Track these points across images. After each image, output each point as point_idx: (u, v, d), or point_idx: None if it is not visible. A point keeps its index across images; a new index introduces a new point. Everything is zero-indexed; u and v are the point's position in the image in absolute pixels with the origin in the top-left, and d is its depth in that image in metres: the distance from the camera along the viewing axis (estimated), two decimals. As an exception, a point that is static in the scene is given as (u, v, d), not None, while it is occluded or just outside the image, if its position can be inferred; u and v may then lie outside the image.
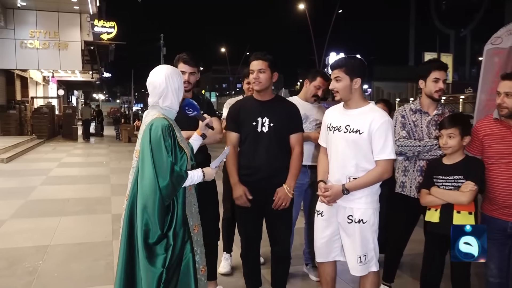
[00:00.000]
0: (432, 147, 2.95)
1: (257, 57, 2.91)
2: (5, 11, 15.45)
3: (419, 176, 3.00)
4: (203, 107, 2.99)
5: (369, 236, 2.58)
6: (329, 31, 26.83)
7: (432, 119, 3.04)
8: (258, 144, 2.89)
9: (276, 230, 2.97)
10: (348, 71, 2.54)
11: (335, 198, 2.58)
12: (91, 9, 16.22)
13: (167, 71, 2.25)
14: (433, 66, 3.02)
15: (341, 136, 2.59)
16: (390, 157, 2.52)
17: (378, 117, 2.51)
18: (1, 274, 3.67)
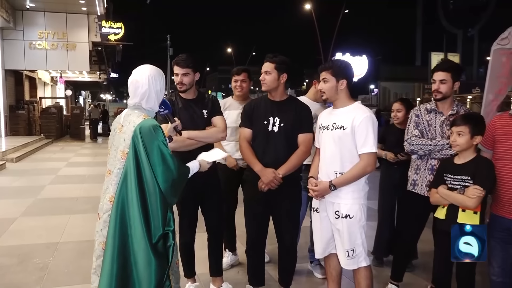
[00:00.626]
0: (443, 146, 2.97)
1: (266, 59, 3.02)
2: (14, 12, 15.64)
3: (430, 175, 3.04)
4: (207, 106, 3.08)
5: (356, 231, 2.68)
6: (335, 31, 26.81)
7: (446, 119, 3.05)
8: (268, 143, 2.97)
9: (283, 226, 3.03)
10: (334, 73, 2.71)
11: (323, 193, 2.71)
12: (99, 10, 16.37)
13: (150, 73, 2.26)
14: (434, 68, 3.09)
15: (329, 134, 2.74)
16: (371, 150, 2.64)
17: (360, 113, 2.65)
18: (13, 270, 3.75)
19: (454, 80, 3.01)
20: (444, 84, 3.00)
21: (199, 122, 3.04)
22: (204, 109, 3.09)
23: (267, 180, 2.87)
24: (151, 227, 2.09)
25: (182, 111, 3.03)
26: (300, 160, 2.97)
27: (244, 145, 3.04)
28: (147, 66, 2.32)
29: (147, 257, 2.06)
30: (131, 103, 2.29)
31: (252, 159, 2.97)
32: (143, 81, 2.24)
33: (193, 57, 3.04)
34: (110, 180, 2.22)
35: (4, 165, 9.62)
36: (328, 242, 2.85)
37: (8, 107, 16.04)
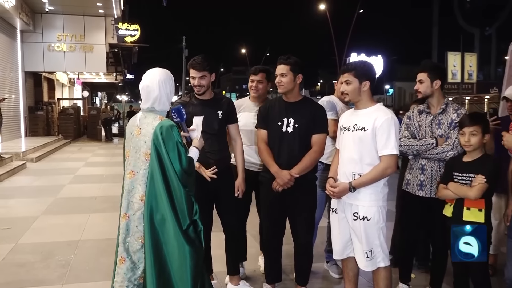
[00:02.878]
0: (429, 146, 3.02)
1: (280, 62, 3.06)
2: (34, 15, 15.98)
3: (421, 174, 3.09)
4: (223, 107, 3.14)
5: (374, 233, 2.69)
6: (350, 31, 26.68)
7: (435, 118, 3.09)
8: (282, 144, 3.01)
9: (299, 226, 3.07)
10: (357, 75, 2.72)
11: (341, 195, 2.74)
12: (116, 13, 16.62)
13: (160, 77, 2.41)
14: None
15: (350, 135, 2.75)
16: (392, 153, 2.64)
17: (381, 114, 2.66)
18: (37, 266, 3.87)
19: (432, 79, 3.04)
20: (422, 83, 3.06)
21: (213, 123, 3.09)
22: (219, 110, 3.13)
23: (282, 182, 2.92)
24: (179, 217, 2.29)
25: (197, 112, 3.05)
26: (312, 160, 3.00)
27: (262, 147, 3.09)
28: (156, 70, 2.45)
29: (180, 244, 2.27)
30: (145, 107, 2.43)
31: (269, 160, 3.02)
32: (154, 86, 2.38)
33: (208, 59, 3.07)
34: (137, 180, 2.39)
35: (24, 165, 9.84)
36: (347, 244, 2.86)
37: (27, 108, 16.40)
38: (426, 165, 3.08)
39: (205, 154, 3.02)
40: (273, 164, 2.99)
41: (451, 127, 3.01)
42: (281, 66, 3.03)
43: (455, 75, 26.88)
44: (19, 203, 6.37)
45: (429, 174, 3.07)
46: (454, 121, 3.00)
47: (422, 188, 3.08)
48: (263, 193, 3.17)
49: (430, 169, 3.07)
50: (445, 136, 3.03)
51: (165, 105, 2.44)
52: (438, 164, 3.05)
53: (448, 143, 2.99)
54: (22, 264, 3.92)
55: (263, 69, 3.57)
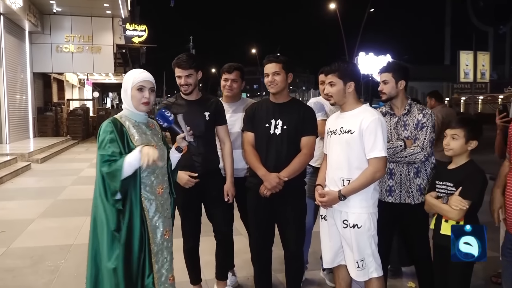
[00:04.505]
0: (397, 149, 2.87)
1: (271, 60, 2.89)
2: (42, 16, 16.07)
3: (389, 179, 2.95)
4: (210, 108, 3.00)
5: (365, 241, 2.56)
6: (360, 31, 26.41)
7: (400, 119, 2.96)
8: (270, 146, 2.87)
9: (288, 233, 2.93)
10: (341, 76, 2.61)
11: (331, 204, 2.61)
12: (123, 13, 16.65)
13: (125, 76, 2.40)
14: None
15: (336, 138, 2.64)
16: (380, 155, 2.52)
17: (368, 116, 2.55)
18: (24, 272, 3.79)
19: (397, 79, 2.92)
20: (386, 84, 2.94)
21: (200, 124, 2.94)
22: (206, 111, 3.00)
23: (270, 186, 2.77)
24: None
25: (182, 112, 2.87)
26: (302, 163, 2.85)
27: (248, 149, 2.95)
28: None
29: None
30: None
31: (256, 163, 2.87)
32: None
33: (194, 56, 2.95)
34: None
35: (29, 166, 9.85)
36: (337, 252, 2.74)
37: (36, 109, 16.50)
38: (395, 169, 2.93)
39: (190, 156, 2.92)
40: (260, 167, 2.84)
41: (418, 128, 2.87)
42: (272, 64, 2.86)
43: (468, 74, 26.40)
44: (18, 205, 6.33)
45: (398, 179, 2.92)
46: (421, 122, 2.87)
47: (391, 194, 2.93)
48: (250, 200, 3.02)
49: (399, 173, 2.92)
50: (412, 137, 2.89)
51: (127, 103, 2.35)
52: (407, 168, 2.91)
53: (417, 144, 2.85)
54: (11, 269, 3.84)
55: (237, 67, 3.38)
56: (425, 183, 2.87)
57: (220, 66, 3.59)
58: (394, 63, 3.09)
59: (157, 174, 2.35)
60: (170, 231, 2.43)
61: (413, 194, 2.88)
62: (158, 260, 2.33)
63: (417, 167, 2.89)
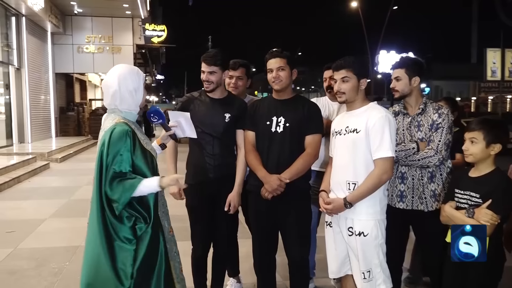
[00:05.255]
0: (409, 151, 2.66)
1: (274, 55, 2.73)
2: (64, 18, 16.32)
3: (400, 184, 2.74)
4: (233, 110, 2.83)
5: (371, 251, 2.39)
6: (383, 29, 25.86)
7: (413, 119, 2.74)
8: (271, 145, 2.70)
9: (291, 240, 2.76)
10: (356, 71, 2.45)
11: (337, 212, 2.44)
12: (142, 14, 16.75)
13: (121, 71, 2.15)
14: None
15: (342, 139, 2.49)
16: (387, 155, 2.35)
17: (374, 113, 2.39)
18: (28, 274, 3.74)
19: (411, 76, 2.72)
20: (399, 81, 2.74)
21: (218, 125, 2.79)
22: (228, 113, 2.81)
23: (271, 188, 2.60)
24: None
25: (202, 110, 2.81)
26: (306, 164, 2.67)
27: (248, 149, 2.79)
28: (119, 65, 2.23)
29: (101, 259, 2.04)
30: (106, 105, 2.20)
31: (256, 164, 2.71)
32: (111, 81, 2.14)
33: (222, 54, 2.78)
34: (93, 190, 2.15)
35: (48, 165, 9.96)
36: (344, 261, 2.57)
37: (58, 108, 16.78)
38: (407, 173, 2.73)
39: (203, 157, 2.80)
40: (260, 168, 2.68)
41: (433, 129, 2.66)
42: (276, 59, 2.70)
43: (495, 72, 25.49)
44: (31, 204, 6.35)
45: (410, 183, 2.71)
46: (436, 122, 2.65)
47: (402, 199, 2.73)
48: (252, 203, 2.86)
49: (411, 177, 2.72)
50: (426, 139, 2.67)
51: (129, 105, 2.16)
52: (420, 172, 2.70)
53: (431, 147, 2.63)
54: (15, 271, 3.80)
55: (243, 63, 3.23)
56: (440, 189, 2.66)
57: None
58: (408, 58, 2.88)
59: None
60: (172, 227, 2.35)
61: (426, 200, 2.67)
62: (172, 256, 2.26)
63: (431, 171, 2.69)
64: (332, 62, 2.58)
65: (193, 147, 2.86)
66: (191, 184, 2.80)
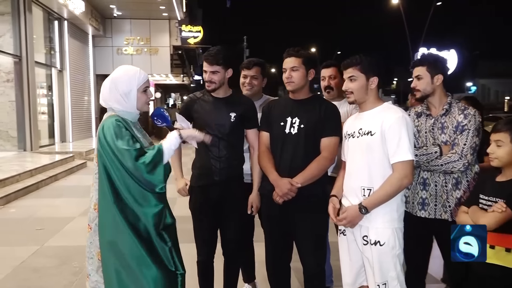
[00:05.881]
0: (431, 155, 2.45)
1: (290, 54, 2.60)
2: (104, 21, 16.85)
3: (422, 191, 2.54)
4: (238, 109, 2.74)
5: (388, 262, 2.21)
6: (426, 25, 24.93)
7: (436, 121, 2.53)
8: (284, 147, 2.58)
9: (305, 248, 2.62)
10: (364, 69, 2.29)
11: (354, 221, 2.26)
12: (179, 15, 17.01)
13: (115, 75, 2.16)
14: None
15: (355, 142, 2.33)
16: (407, 158, 2.18)
17: (390, 114, 2.24)
18: (50, 273, 3.81)
19: (433, 74, 2.52)
20: (420, 80, 2.54)
21: (223, 125, 2.70)
22: (233, 112, 2.71)
23: (281, 192, 2.48)
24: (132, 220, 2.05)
25: (206, 110, 2.73)
26: (320, 168, 2.53)
27: (262, 151, 2.68)
28: (119, 67, 2.22)
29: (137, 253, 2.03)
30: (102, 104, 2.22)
31: (268, 167, 2.60)
32: (105, 83, 2.16)
33: (224, 52, 2.68)
34: (93, 188, 2.19)
35: (85, 164, 10.27)
36: (359, 271, 2.40)
37: (99, 109, 17.31)
38: (429, 179, 2.52)
39: (209, 159, 2.71)
40: (272, 171, 2.56)
41: (458, 131, 2.44)
42: (291, 59, 2.57)
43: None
44: (64, 202, 6.53)
45: (432, 190, 2.51)
46: (461, 124, 2.43)
47: (424, 207, 2.53)
48: (263, 207, 2.75)
49: (433, 183, 2.51)
50: (450, 142, 2.46)
51: (124, 106, 2.14)
52: (443, 178, 2.49)
53: (455, 151, 2.41)
54: (37, 269, 3.89)
55: (258, 62, 3.11)
56: (466, 197, 2.44)
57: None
58: (429, 55, 2.67)
59: None
60: None
61: (451, 209, 2.46)
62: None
63: (456, 177, 2.48)
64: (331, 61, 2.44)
65: (200, 148, 2.78)
66: (196, 186, 2.73)
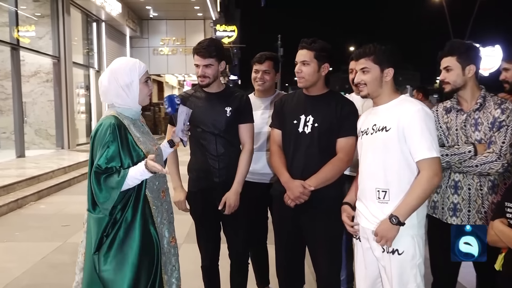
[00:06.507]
0: (464, 155, 2.18)
1: (302, 46, 2.38)
2: (141, 22, 17.20)
3: (453, 195, 2.27)
4: (233, 103, 2.58)
5: (407, 273, 1.98)
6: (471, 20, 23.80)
7: (469, 117, 2.25)
8: (297, 147, 2.38)
9: (318, 255, 2.42)
10: (378, 60, 2.07)
11: (389, 236, 1.97)
12: (213, 15, 17.11)
13: (113, 67, 2.03)
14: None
15: (369, 139, 2.11)
16: (432, 155, 1.93)
17: (408, 107, 2.01)
18: (68, 270, 3.76)
19: (464, 64, 2.24)
20: (449, 71, 2.27)
21: (219, 121, 2.54)
22: (228, 106, 2.56)
23: (293, 195, 2.29)
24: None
25: (200, 106, 2.56)
26: (336, 170, 2.32)
27: (273, 150, 2.50)
28: (117, 59, 2.10)
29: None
30: (102, 101, 2.12)
31: (280, 167, 2.41)
32: (103, 76, 2.04)
33: (216, 44, 2.53)
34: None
35: (118, 162, 10.43)
36: (375, 282, 2.17)
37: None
38: (461, 182, 2.25)
39: (206, 160, 2.55)
40: (283, 172, 2.38)
41: (494, 128, 2.15)
42: (302, 51, 2.36)
43: None
44: (93, 200, 6.61)
45: (465, 194, 2.23)
46: (498, 120, 2.15)
47: (456, 214, 2.26)
48: (275, 209, 2.58)
49: (467, 187, 2.23)
50: (486, 140, 2.18)
51: (124, 101, 2.01)
52: (478, 180, 2.21)
53: (493, 150, 2.14)
54: (56, 265, 3.89)
55: (270, 56, 2.94)
56: (492, 209, 2.17)
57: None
58: (459, 42, 2.37)
59: (158, 176, 2.08)
60: (175, 237, 2.20)
61: (487, 215, 2.19)
62: (167, 270, 2.11)
63: (492, 180, 2.21)
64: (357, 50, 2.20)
65: (195, 149, 2.63)
66: (195, 191, 2.59)
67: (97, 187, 1.88)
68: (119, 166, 1.92)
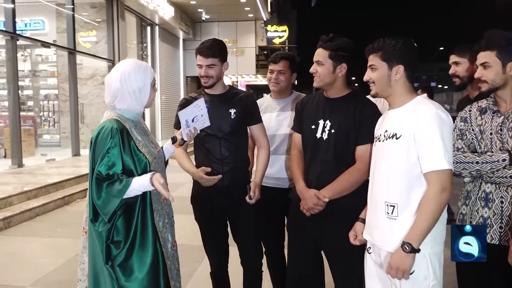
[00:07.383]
0: (498, 164, 1.92)
1: (320, 44, 2.23)
2: (193, 25, 17.64)
3: (484, 208, 2.02)
4: (238, 105, 2.53)
5: None
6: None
7: (506, 119, 1.98)
8: (315, 154, 2.24)
9: (334, 267, 2.29)
10: (386, 56, 1.86)
11: (404, 267, 1.79)
12: (264, 16, 17.16)
13: (125, 69, 1.94)
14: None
15: (380, 146, 1.92)
16: (442, 167, 1.72)
17: (421, 111, 1.80)
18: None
19: (505, 61, 1.95)
20: (487, 68, 1.99)
21: (223, 124, 2.49)
22: (233, 108, 2.50)
23: (307, 206, 2.18)
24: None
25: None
26: (353, 181, 2.14)
27: (293, 154, 2.38)
28: (125, 61, 2.04)
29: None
30: (106, 102, 2.03)
31: (296, 174, 2.30)
32: (115, 78, 1.96)
33: (219, 44, 2.50)
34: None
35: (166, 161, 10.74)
36: None
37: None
38: (493, 194, 1.99)
39: (210, 164, 2.50)
40: (299, 180, 2.26)
41: None
42: (318, 50, 2.21)
43: None
44: (134, 198, 6.83)
45: (497, 208, 1.98)
46: None
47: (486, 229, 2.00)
48: (291, 214, 2.44)
49: (499, 199, 1.98)
50: None
51: (127, 105, 1.99)
52: None
53: None
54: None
55: (285, 55, 2.83)
56: None
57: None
58: (499, 35, 2.06)
59: None
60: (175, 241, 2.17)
61: None
62: (173, 275, 2.09)
63: None
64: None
65: (198, 153, 2.59)
66: (199, 196, 2.56)
67: (97, 194, 1.87)
68: (121, 171, 1.90)
